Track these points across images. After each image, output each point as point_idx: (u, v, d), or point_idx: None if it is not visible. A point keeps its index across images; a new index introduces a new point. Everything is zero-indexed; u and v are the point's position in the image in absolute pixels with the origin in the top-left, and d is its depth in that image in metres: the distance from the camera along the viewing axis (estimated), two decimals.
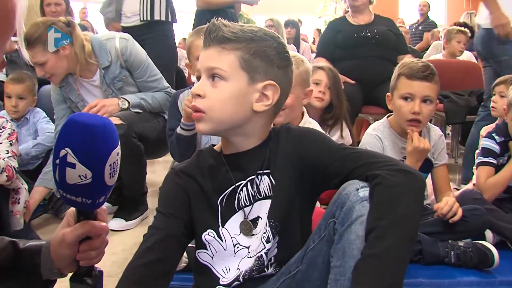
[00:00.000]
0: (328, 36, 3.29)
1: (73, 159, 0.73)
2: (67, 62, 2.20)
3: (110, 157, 0.75)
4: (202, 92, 1.02)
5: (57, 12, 3.40)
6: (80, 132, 0.73)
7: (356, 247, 0.89)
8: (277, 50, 1.05)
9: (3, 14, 0.56)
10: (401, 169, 0.96)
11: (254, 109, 1.04)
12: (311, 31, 8.75)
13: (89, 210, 0.82)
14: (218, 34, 1.02)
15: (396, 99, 1.78)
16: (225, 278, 1.06)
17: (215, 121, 1.03)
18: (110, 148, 0.75)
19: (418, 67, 1.74)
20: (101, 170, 0.74)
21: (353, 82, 2.98)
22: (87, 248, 0.85)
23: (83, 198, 0.77)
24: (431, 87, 1.75)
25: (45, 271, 0.88)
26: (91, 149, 0.73)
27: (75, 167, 0.73)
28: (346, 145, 1.10)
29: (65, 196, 0.77)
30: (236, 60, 1.01)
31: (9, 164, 1.97)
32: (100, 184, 0.76)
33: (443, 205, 1.68)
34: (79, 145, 0.73)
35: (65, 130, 0.75)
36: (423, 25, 6.82)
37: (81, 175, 0.73)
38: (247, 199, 1.07)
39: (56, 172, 0.75)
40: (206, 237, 1.07)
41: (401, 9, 10.66)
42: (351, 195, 0.93)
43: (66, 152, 0.73)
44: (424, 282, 1.57)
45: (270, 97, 1.04)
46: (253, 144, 1.08)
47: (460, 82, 3.57)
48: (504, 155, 1.98)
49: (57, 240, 0.86)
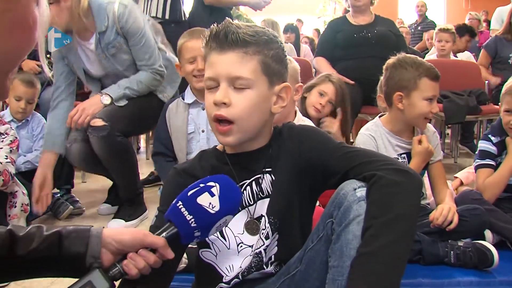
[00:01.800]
0: (328, 36, 3.29)
1: (217, 192, 0.90)
2: (67, 15, 2.16)
3: (228, 216, 0.91)
4: (228, 100, 0.99)
5: None
6: (230, 185, 0.93)
7: (354, 247, 0.89)
8: (283, 51, 1.07)
9: (24, 30, 0.57)
10: (397, 169, 0.96)
11: (272, 112, 1.06)
12: (310, 31, 8.74)
13: (178, 238, 0.91)
14: (237, 37, 0.98)
15: (418, 100, 1.77)
16: (228, 276, 1.06)
17: (243, 131, 1.02)
18: (234, 211, 0.93)
19: (434, 69, 1.80)
20: (221, 216, 0.89)
21: (353, 83, 2.98)
22: (144, 254, 0.88)
23: (193, 218, 0.88)
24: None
25: (89, 258, 0.89)
26: (230, 199, 0.91)
27: (212, 196, 0.89)
28: (345, 143, 1.10)
29: (179, 208, 0.89)
30: (258, 66, 1.01)
31: (6, 169, 2.00)
32: (210, 223, 0.89)
33: (438, 215, 1.68)
34: (225, 190, 0.91)
35: (223, 177, 0.94)
36: (422, 25, 6.81)
37: (211, 203, 0.89)
38: (251, 198, 1.07)
39: (194, 190, 0.90)
40: (210, 237, 1.07)
41: (400, 9, 10.67)
42: (348, 195, 0.93)
43: (215, 185, 0.90)
44: (423, 282, 1.57)
45: (285, 98, 1.06)
46: (261, 144, 1.09)
47: (459, 82, 3.57)
48: (502, 155, 1.98)
49: (129, 231, 0.92)
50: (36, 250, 0.88)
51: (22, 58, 0.62)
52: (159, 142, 2.11)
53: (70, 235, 0.91)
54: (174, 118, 2.06)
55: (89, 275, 0.85)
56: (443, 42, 4.04)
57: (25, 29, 0.58)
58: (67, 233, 0.91)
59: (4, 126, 2.14)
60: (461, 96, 3.36)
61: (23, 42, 0.59)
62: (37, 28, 0.59)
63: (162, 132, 2.09)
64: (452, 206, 1.73)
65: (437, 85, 1.79)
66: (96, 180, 3.17)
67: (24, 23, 0.57)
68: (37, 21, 0.59)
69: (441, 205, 1.74)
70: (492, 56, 4.06)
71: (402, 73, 1.80)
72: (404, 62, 1.82)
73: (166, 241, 0.89)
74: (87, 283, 0.84)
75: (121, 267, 0.88)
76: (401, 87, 1.80)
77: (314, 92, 2.22)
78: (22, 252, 0.88)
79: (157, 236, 0.90)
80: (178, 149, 2.04)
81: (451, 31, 4.06)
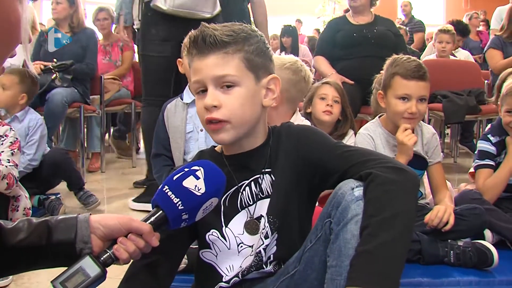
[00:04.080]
0: (328, 35, 3.29)
1: (201, 175, 0.91)
2: None
3: (214, 198, 0.92)
4: (217, 102, 1.00)
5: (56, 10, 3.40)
6: (214, 168, 0.94)
7: (352, 246, 0.89)
8: (265, 43, 1.07)
9: (6, 27, 0.56)
10: (393, 167, 0.96)
11: (264, 105, 1.06)
12: (310, 31, 8.74)
13: (166, 222, 0.90)
14: (215, 40, 0.99)
15: (391, 99, 1.78)
16: (228, 276, 1.06)
17: (238, 127, 1.02)
18: (219, 193, 0.94)
19: (413, 67, 1.74)
20: (207, 199, 0.90)
21: (352, 82, 2.98)
22: (133, 238, 0.88)
23: (180, 201, 0.88)
24: (426, 86, 1.76)
25: (79, 244, 0.89)
26: (215, 181, 0.92)
27: (198, 179, 0.90)
28: (342, 142, 1.11)
29: (165, 192, 0.89)
30: (241, 63, 1.01)
31: (11, 172, 1.98)
32: (197, 205, 0.90)
33: (433, 216, 1.67)
34: (210, 173, 0.92)
35: (206, 161, 0.96)
36: (410, 26, 6.61)
37: (197, 186, 0.89)
38: (250, 198, 1.07)
39: (179, 174, 0.91)
40: (210, 237, 1.07)
41: (399, 9, 10.65)
42: (346, 195, 0.93)
43: (199, 169, 0.91)
44: (423, 282, 1.57)
45: (274, 89, 1.07)
46: (258, 143, 1.09)
47: (458, 81, 3.56)
48: (501, 155, 1.98)
49: (115, 216, 0.92)
50: (24, 240, 0.88)
51: (6, 57, 0.61)
52: (158, 143, 2.10)
53: (58, 223, 0.91)
54: (172, 118, 2.06)
55: (80, 261, 0.84)
56: (443, 43, 4.02)
57: (8, 27, 0.56)
58: (56, 222, 0.91)
59: (4, 128, 2.11)
60: (461, 95, 3.36)
61: (6, 40, 0.57)
62: (20, 25, 0.58)
63: (161, 132, 2.09)
64: (449, 206, 1.72)
65: (414, 84, 1.73)
66: (96, 181, 3.18)
67: (6, 20, 0.56)
68: (20, 18, 0.58)
69: (437, 206, 1.73)
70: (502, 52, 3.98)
71: (384, 72, 1.83)
72: (388, 61, 1.84)
73: (151, 227, 0.89)
74: (78, 269, 0.83)
75: (111, 252, 0.87)
76: (383, 86, 1.84)
77: (315, 101, 2.22)
78: (11, 243, 0.87)
79: (143, 222, 0.89)
80: (175, 148, 2.04)
81: (451, 32, 4.06)
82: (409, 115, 1.75)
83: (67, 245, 0.89)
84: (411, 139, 1.71)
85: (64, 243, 0.89)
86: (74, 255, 0.88)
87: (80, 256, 0.87)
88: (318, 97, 2.21)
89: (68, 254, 0.88)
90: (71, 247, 0.88)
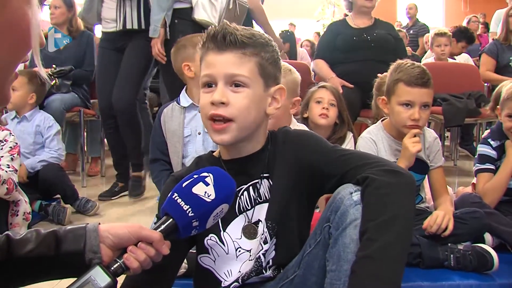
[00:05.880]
0: (327, 38, 3.29)
1: (211, 181, 0.90)
2: None
3: (224, 204, 0.91)
4: (226, 99, 1.00)
5: (55, 14, 3.40)
6: (224, 174, 0.93)
7: (351, 251, 0.90)
8: (278, 54, 1.08)
9: (17, 34, 0.56)
10: (389, 169, 0.96)
11: (267, 113, 1.07)
12: (309, 35, 8.74)
13: (176, 230, 0.89)
14: (236, 39, 1.00)
15: (394, 105, 1.78)
16: (226, 281, 1.06)
17: (240, 129, 1.02)
18: (230, 199, 0.93)
19: (417, 73, 1.73)
20: (217, 205, 0.89)
21: (352, 86, 2.98)
22: (144, 246, 0.86)
23: (190, 208, 0.87)
24: (429, 93, 1.75)
25: (89, 254, 0.88)
26: (225, 187, 0.91)
27: (207, 186, 0.89)
28: (339, 146, 1.11)
29: (175, 199, 0.88)
30: (255, 67, 1.02)
31: (11, 178, 1.98)
32: (207, 212, 0.88)
33: (432, 222, 1.67)
34: (219, 179, 0.91)
35: (215, 168, 0.94)
36: (414, 29, 6.63)
37: (207, 192, 0.89)
38: (248, 203, 1.08)
39: (188, 181, 0.90)
40: (208, 242, 1.07)
41: (399, 12, 10.68)
42: (345, 199, 0.94)
43: (208, 175, 0.91)
44: (423, 286, 1.56)
45: (279, 100, 1.08)
46: (256, 149, 1.09)
47: (458, 84, 3.56)
48: (501, 159, 1.98)
49: (124, 225, 0.90)
50: (33, 251, 0.87)
51: (18, 63, 0.61)
52: (155, 147, 2.08)
53: (67, 234, 0.90)
54: (169, 122, 2.04)
55: (89, 271, 0.83)
56: (442, 46, 4.04)
57: (18, 33, 0.56)
58: (64, 232, 0.90)
59: (3, 132, 2.10)
60: (460, 98, 3.35)
61: (17, 47, 0.57)
62: (31, 31, 0.58)
63: (157, 137, 2.07)
64: (448, 211, 1.71)
65: (417, 91, 1.72)
66: (95, 185, 3.18)
67: (16, 27, 0.56)
68: (30, 24, 0.57)
69: (436, 212, 1.72)
70: (496, 60, 4.01)
71: (388, 78, 1.83)
72: (392, 67, 1.83)
73: (161, 236, 0.87)
74: (87, 279, 0.82)
75: (122, 261, 0.86)
76: (386, 92, 1.83)
77: (311, 105, 2.22)
78: (19, 254, 0.87)
79: (153, 230, 0.88)
80: (173, 152, 2.02)
81: (447, 35, 4.08)
82: (412, 122, 1.74)
83: (76, 255, 0.87)
84: (415, 147, 1.70)
85: (73, 253, 0.88)
86: (84, 265, 0.86)
87: (90, 266, 0.85)
88: (314, 101, 2.22)
89: (77, 265, 0.87)
90: (80, 257, 0.87)
